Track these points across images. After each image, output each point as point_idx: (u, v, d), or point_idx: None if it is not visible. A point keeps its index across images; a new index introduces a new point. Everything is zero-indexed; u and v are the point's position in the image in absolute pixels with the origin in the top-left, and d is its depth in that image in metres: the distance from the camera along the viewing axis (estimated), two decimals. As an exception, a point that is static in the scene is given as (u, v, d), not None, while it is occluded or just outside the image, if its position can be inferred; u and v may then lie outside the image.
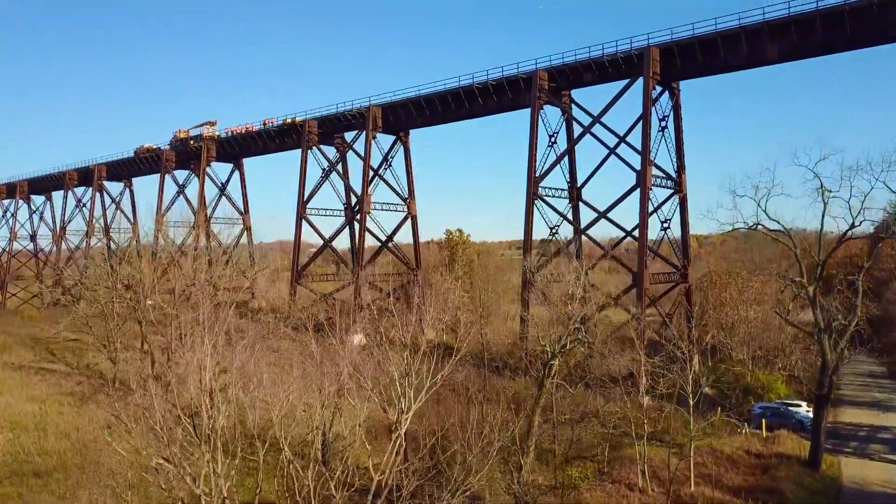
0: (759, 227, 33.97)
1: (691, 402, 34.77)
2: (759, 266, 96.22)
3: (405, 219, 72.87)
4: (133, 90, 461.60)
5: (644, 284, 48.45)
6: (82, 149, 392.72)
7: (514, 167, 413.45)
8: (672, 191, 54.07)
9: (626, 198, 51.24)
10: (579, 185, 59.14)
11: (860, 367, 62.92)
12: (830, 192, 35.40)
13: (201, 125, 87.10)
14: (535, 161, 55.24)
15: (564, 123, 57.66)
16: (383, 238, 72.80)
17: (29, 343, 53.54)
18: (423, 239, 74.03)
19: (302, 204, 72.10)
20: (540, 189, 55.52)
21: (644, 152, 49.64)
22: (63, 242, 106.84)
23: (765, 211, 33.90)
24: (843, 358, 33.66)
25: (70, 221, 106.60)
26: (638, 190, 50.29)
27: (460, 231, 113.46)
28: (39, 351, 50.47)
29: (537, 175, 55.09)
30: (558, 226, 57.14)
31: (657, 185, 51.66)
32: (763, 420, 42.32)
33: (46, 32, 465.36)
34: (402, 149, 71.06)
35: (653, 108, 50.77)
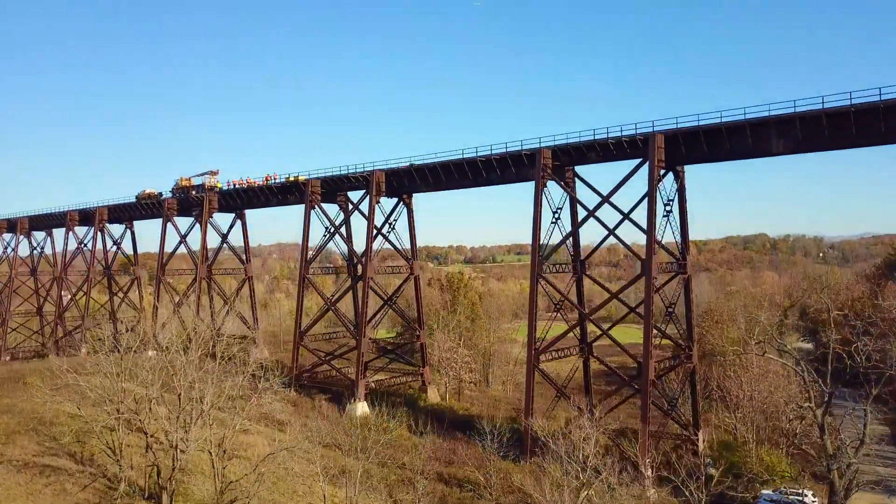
0: (766, 353, 33.94)
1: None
2: (758, 300, 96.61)
3: (408, 278, 72.79)
4: (136, 131, 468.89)
5: (649, 374, 48.30)
6: (80, 181, 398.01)
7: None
8: (676, 272, 54.01)
9: (632, 284, 51.15)
10: (583, 257, 59.04)
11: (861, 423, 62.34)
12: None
13: (203, 174, 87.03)
14: (539, 239, 55.14)
15: (568, 200, 57.52)
16: (386, 297, 72.78)
17: (32, 425, 53.28)
18: (420, 244, 73.66)
19: (305, 265, 71.94)
20: (544, 267, 55.51)
21: (649, 241, 49.51)
22: (63, 282, 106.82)
23: (773, 335, 33.82)
24: (852, 489, 33.63)
25: (71, 262, 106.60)
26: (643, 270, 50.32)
27: (461, 273, 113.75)
28: (43, 439, 50.23)
29: (541, 254, 55.03)
30: (562, 302, 57.04)
31: (663, 271, 51.65)
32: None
33: (52, 75, 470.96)
34: (405, 210, 70.92)
35: (657, 194, 50.60)
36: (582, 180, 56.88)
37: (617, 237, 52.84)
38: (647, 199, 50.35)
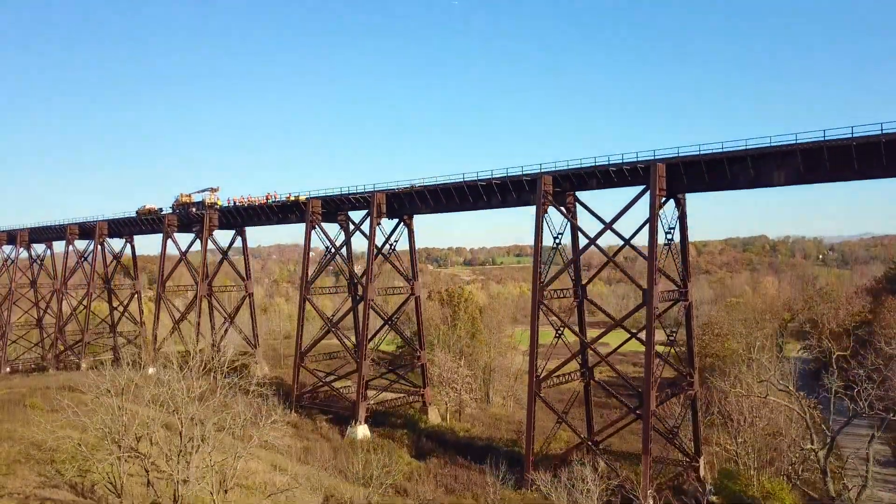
0: (769, 396, 33.93)
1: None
2: (758, 313, 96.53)
3: (408, 299, 72.72)
4: (136, 146, 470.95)
5: (650, 406, 48.21)
6: (79, 196, 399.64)
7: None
8: (677, 299, 53.93)
9: (634, 313, 51.14)
10: (584, 282, 58.94)
11: (861, 439, 60.89)
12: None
13: (203, 191, 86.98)
14: (540, 265, 55.04)
15: (569, 226, 57.40)
16: (386, 315, 72.74)
17: (32, 452, 53.16)
18: (419, 245, 73.59)
19: (305, 285, 71.90)
20: (545, 294, 55.45)
21: (650, 271, 49.40)
22: (64, 297, 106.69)
23: (774, 383, 33.82)
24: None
25: (71, 276, 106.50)
26: (644, 294, 50.22)
27: (461, 288, 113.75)
28: (44, 466, 50.11)
29: (542, 282, 54.95)
30: (563, 328, 56.92)
31: (664, 300, 51.62)
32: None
33: (52, 83, 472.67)
34: (405, 230, 70.83)
35: (658, 223, 50.52)
36: (583, 206, 56.71)
37: (616, 265, 52.86)
38: (647, 226, 50.31)
